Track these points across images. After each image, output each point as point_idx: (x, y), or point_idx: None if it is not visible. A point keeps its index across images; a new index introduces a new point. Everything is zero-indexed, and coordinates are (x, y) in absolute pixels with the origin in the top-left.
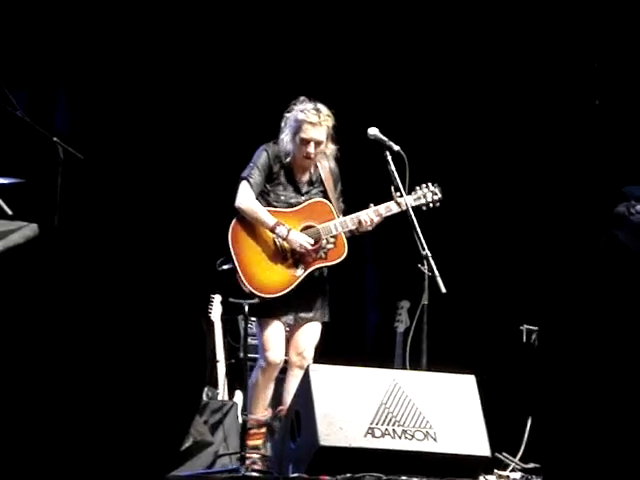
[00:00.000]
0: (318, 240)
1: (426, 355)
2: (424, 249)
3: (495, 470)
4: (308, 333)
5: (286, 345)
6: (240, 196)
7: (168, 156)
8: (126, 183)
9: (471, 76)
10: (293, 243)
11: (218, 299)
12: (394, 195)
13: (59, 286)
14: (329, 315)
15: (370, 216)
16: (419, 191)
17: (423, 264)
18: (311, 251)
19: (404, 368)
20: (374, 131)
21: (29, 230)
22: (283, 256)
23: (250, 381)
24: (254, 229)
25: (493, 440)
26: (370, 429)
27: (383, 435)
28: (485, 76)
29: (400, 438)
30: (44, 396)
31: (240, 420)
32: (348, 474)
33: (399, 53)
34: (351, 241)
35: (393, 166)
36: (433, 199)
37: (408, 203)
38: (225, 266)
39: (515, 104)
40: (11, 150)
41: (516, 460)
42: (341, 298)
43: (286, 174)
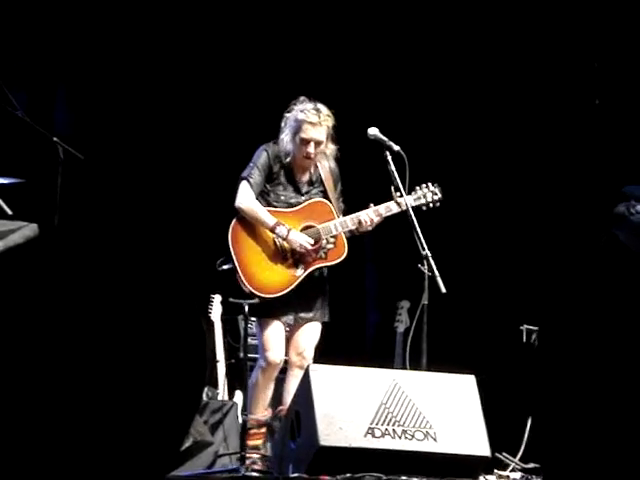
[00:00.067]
0: (318, 240)
1: (426, 355)
2: (424, 249)
3: (495, 470)
4: (308, 333)
5: (286, 345)
6: (240, 196)
7: (168, 156)
8: (126, 183)
9: (471, 76)
10: (293, 243)
11: (218, 299)
12: (394, 195)
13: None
14: (329, 315)
15: (370, 216)
16: (419, 191)
17: (423, 264)
18: (311, 251)
19: (404, 368)
20: (374, 131)
21: (29, 230)
22: (283, 256)
23: (250, 381)
24: (254, 229)
25: (493, 440)
26: (370, 429)
27: (383, 435)
28: (485, 76)
29: (400, 438)
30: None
31: (240, 420)
32: (348, 474)
33: (399, 53)
34: (351, 241)
35: (393, 166)
36: (433, 199)
37: (408, 203)
38: (225, 266)
39: (515, 104)
40: (11, 150)
41: (516, 460)
42: (341, 298)
43: (286, 174)
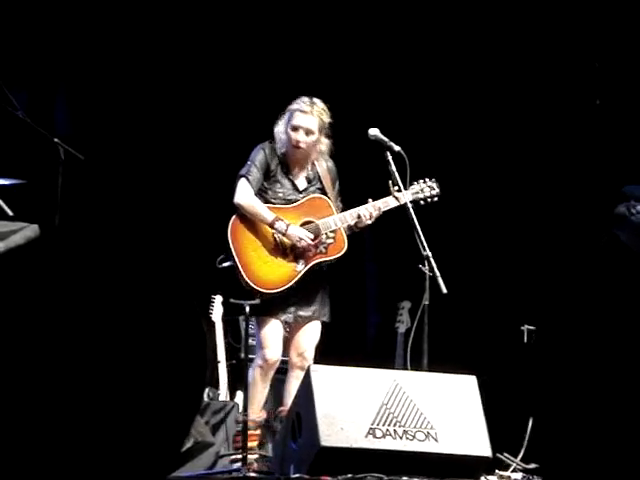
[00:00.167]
0: (317, 235)
1: (427, 355)
2: (425, 249)
3: (496, 470)
4: (309, 333)
5: (286, 345)
6: (239, 193)
7: (168, 157)
8: (127, 184)
9: (472, 76)
10: (292, 238)
11: (219, 300)
12: (392, 190)
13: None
14: (330, 315)
15: (369, 210)
16: (416, 186)
17: (424, 264)
18: (311, 246)
19: (405, 368)
20: (375, 132)
21: (30, 231)
22: (283, 251)
23: (246, 381)
24: (253, 225)
25: (494, 440)
26: (371, 429)
27: (384, 435)
28: (486, 76)
29: (401, 438)
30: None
31: (240, 419)
32: (349, 475)
33: (399, 53)
34: (352, 241)
35: (394, 167)
36: (431, 194)
37: (406, 197)
38: (225, 263)
39: (516, 104)
40: (12, 151)
41: (517, 460)
42: (342, 299)
43: (283, 172)
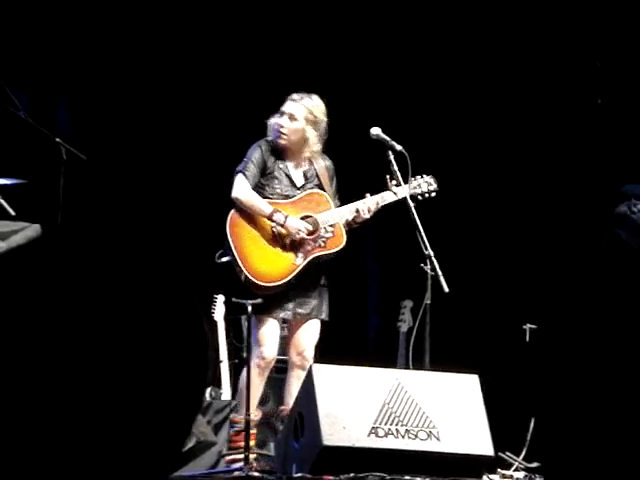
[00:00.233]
0: (316, 229)
1: (429, 355)
2: (427, 248)
3: (498, 469)
4: (308, 332)
5: (286, 345)
6: (236, 187)
7: (169, 157)
8: (128, 183)
9: (473, 75)
10: (291, 229)
11: (221, 299)
12: (389, 184)
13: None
14: (329, 314)
15: (367, 204)
16: (414, 181)
17: (426, 263)
18: (309, 240)
19: (407, 368)
20: (376, 131)
21: (31, 231)
22: (282, 245)
23: (241, 380)
24: (252, 220)
25: (496, 439)
26: (373, 429)
27: (386, 435)
28: (487, 75)
29: (403, 438)
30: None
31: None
32: (352, 474)
33: (401, 52)
34: (354, 240)
35: (396, 166)
36: (429, 189)
37: (404, 192)
38: (224, 258)
39: (517, 104)
40: (14, 151)
41: (519, 459)
42: (343, 298)
43: (280, 169)
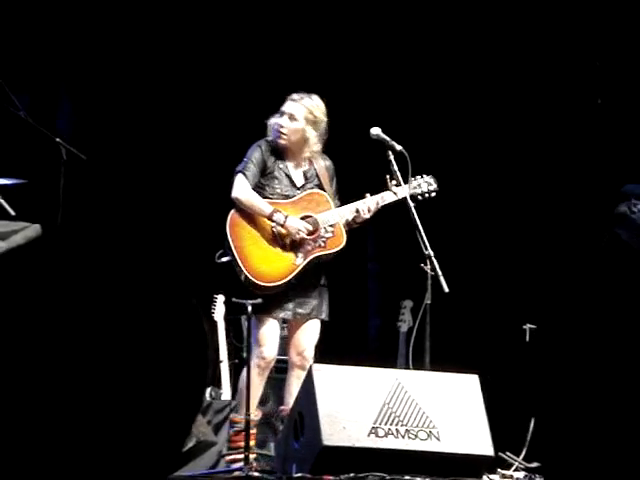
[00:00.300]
0: (316, 229)
1: (429, 354)
2: (427, 248)
3: (498, 469)
4: (308, 332)
5: (286, 345)
6: (236, 187)
7: (169, 157)
8: (128, 183)
9: (473, 75)
10: (291, 229)
11: (221, 299)
12: (389, 184)
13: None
14: (328, 314)
15: (367, 204)
16: (414, 181)
17: (426, 263)
18: (309, 240)
19: (407, 368)
20: (377, 131)
21: (31, 231)
22: (282, 245)
23: (240, 380)
24: (252, 220)
25: (496, 439)
26: (373, 429)
27: (386, 435)
28: (487, 75)
29: (403, 438)
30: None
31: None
32: (351, 474)
33: (400, 52)
34: (354, 241)
35: (396, 166)
36: (429, 189)
37: (404, 192)
38: (224, 258)
39: (517, 104)
40: (14, 151)
41: (519, 459)
42: (343, 298)
43: (280, 169)
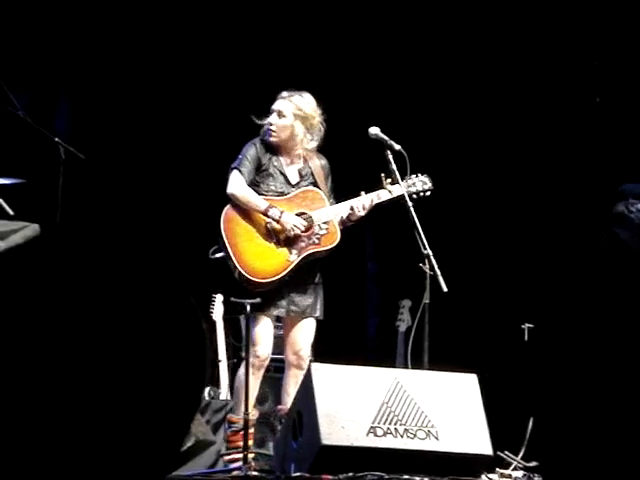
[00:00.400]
0: (311, 226)
1: (428, 354)
2: (425, 248)
3: (497, 469)
4: (303, 331)
5: (282, 344)
6: (231, 183)
7: (166, 156)
8: (126, 182)
9: (472, 74)
10: (286, 225)
11: (220, 299)
12: (384, 183)
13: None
14: (323, 312)
15: (362, 202)
16: (409, 180)
17: (424, 263)
18: (304, 236)
19: (406, 367)
20: (375, 130)
21: (30, 230)
22: (276, 242)
23: (237, 379)
24: (246, 216)
25: (495, 439)
26: (372, 428)
27: (385, 434)
28: (485, 74)
29: (402, 437)
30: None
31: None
32: (350, 473)
33: (399, 52)
34: (352, 240)
35: (394, 165)
36: (424, 188)
37: (399, 190)
38: (218, 254)
39: (516, 103)
40: (12, 150)
41: (518, 459)
42: (342, 298)
43: (275, 166)
